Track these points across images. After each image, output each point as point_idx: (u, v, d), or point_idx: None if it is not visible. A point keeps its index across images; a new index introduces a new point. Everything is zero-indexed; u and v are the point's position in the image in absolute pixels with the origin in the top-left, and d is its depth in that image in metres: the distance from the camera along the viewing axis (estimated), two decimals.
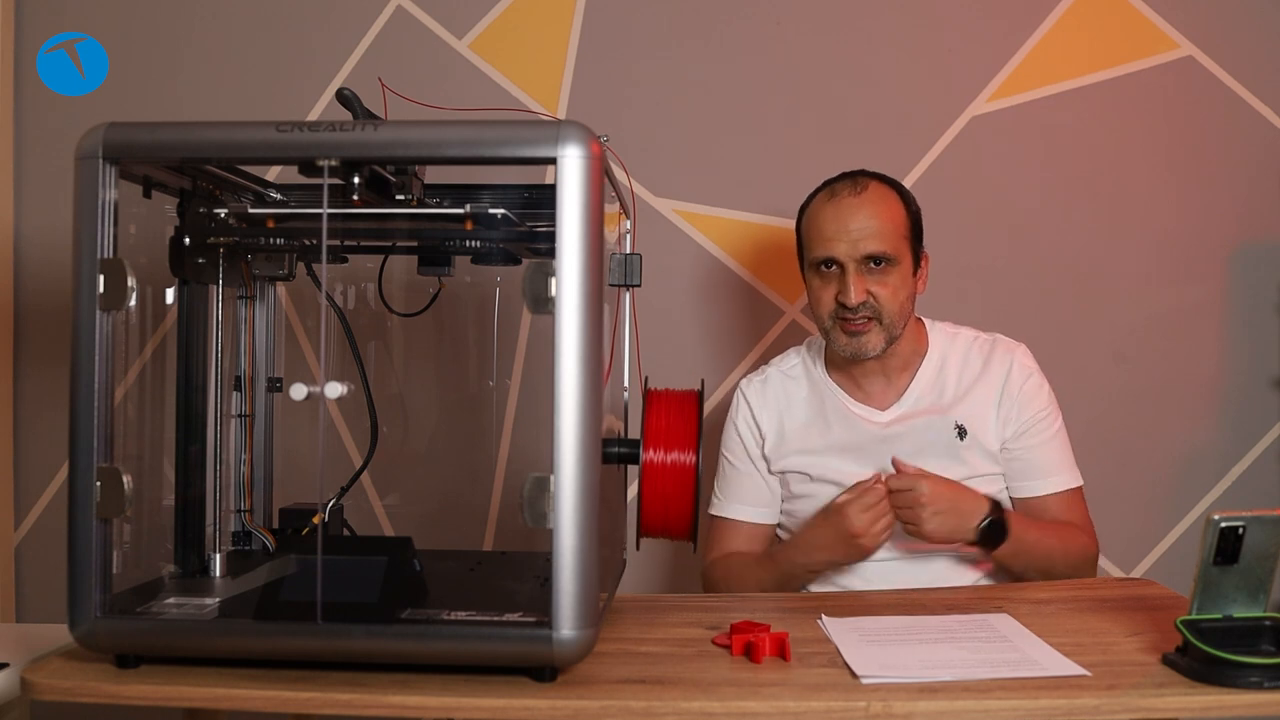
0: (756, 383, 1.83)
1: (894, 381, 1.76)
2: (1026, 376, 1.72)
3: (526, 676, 1.09)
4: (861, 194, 1.69)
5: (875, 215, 1.67)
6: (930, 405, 1.73)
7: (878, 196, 1.70)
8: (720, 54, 2.26)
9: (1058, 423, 1.74)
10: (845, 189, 1.71)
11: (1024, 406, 1.71)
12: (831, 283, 1.69)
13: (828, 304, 1.70)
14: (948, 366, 1.76)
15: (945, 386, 1.74)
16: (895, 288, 1.67)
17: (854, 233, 1.66)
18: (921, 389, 1.75)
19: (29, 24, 2.31)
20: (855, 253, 1.66)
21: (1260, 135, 2.23)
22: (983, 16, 2.25)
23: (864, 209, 1.67)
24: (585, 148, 1.07)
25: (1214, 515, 1.08)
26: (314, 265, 1.45)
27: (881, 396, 1.76)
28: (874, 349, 1.68)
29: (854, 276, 1.66)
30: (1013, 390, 1.71)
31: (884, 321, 1.67)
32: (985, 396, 1.72)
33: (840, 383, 1.79)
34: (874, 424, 1.74)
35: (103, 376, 1.11)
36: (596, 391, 1.08)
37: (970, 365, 1.75)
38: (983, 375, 1.74)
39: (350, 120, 1.13)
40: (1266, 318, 2.24)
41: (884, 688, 1.07)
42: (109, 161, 1.11)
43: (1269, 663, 1.04)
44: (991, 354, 1.75)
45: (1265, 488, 2.22)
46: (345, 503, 1.48)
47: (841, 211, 1.68)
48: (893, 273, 1.67)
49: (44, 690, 1.10)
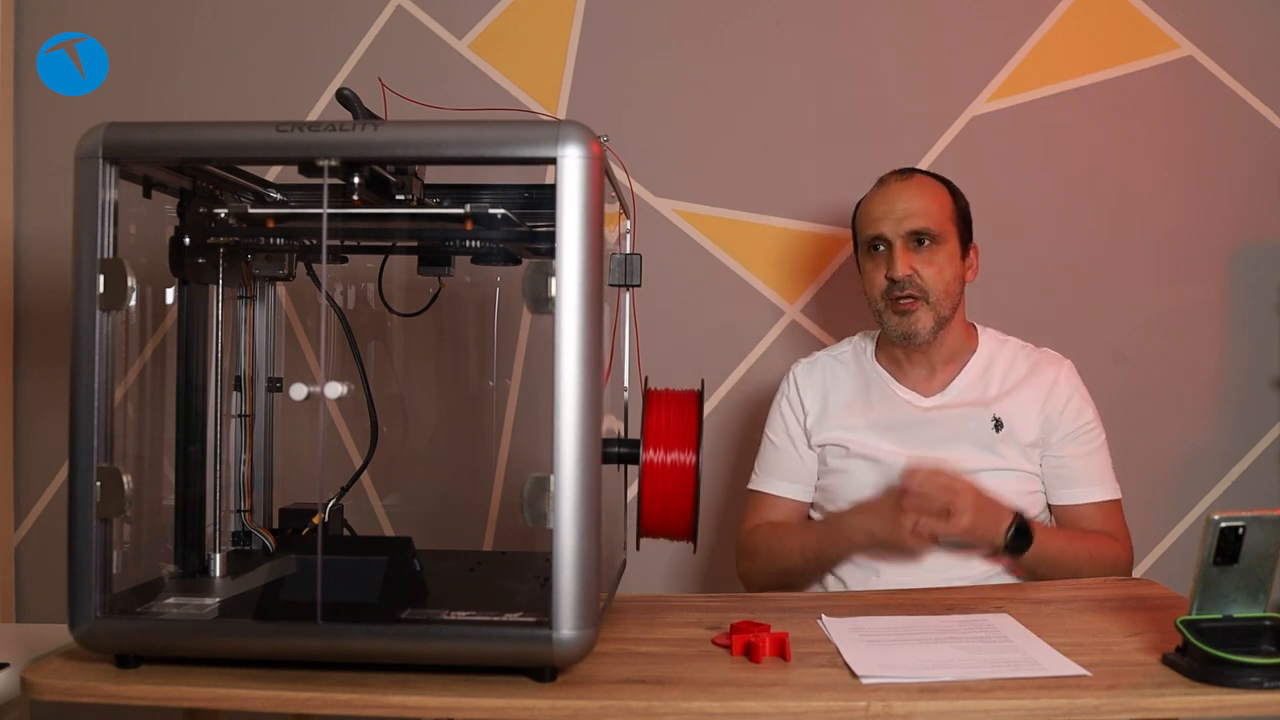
0: (805, 364, 1.90)
1: (939, 372, 1.81)
2: (1074, 391, 1.77)
3: (526, 676, 1.09)
4: (908, 179, 1.80)
5: (920, 195, 1.76)
6: (973, 399, 1.77)
7: (923, 181, 1.80)
8: (720, 54, 2.26)
9: (1102, 437, 1.78)
10: (893, 177, 1.82)
11: (1072, 419, 1.75)
12: (881, 264, 1.76)
13: (879, 284, 1.76)
14: (994, 367, 1.80)
15: (990, 384, 1.78)
16: (941, 266, 1.74)
17: (899, 210, 1.74)
18: (967, 383, 1.79)
19: (29, 24, 2.31)
20: (900, 229, 1.73)
21: (1260, 135, 2.23)
22: (983, 16, 2.25)
23: (909, 189, 1.77)
24: (585, 148, 1.07)
25: (1214, 515, 1.08)
26: (314, 265, 1.45)
27: (926, 384, 1.81)
28: (924, 329, 1.73)
29: (900, 251, 1.73)
30: (1058, 401, 1.75)
31: (930, 300, 1.73)
32: (1029, 398, 1.76)
33: (888, 368, 1.84)
34: (915, 408, 1.79)
35: (103, 376, 1.11)
36: (596, 391, 1.08)
37: (1016, 369, 1.80)
38: (1028, 379, 1.78)
39: (350, 120, 1.13)
40: (1266, 318, 2.24)
41: (884, 688, 1.07)
42: (109, 161, 1.11)
43: (1269, 663, 1.04)
44: (1039, 362, 1.80)
45: (1265, 488, 2.22)
46: (345, 503, 1.48)
47: (889, 194, 1.78)
48: (939, 252, 1.74)
49: (44, 690, 1.10)
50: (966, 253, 1.81)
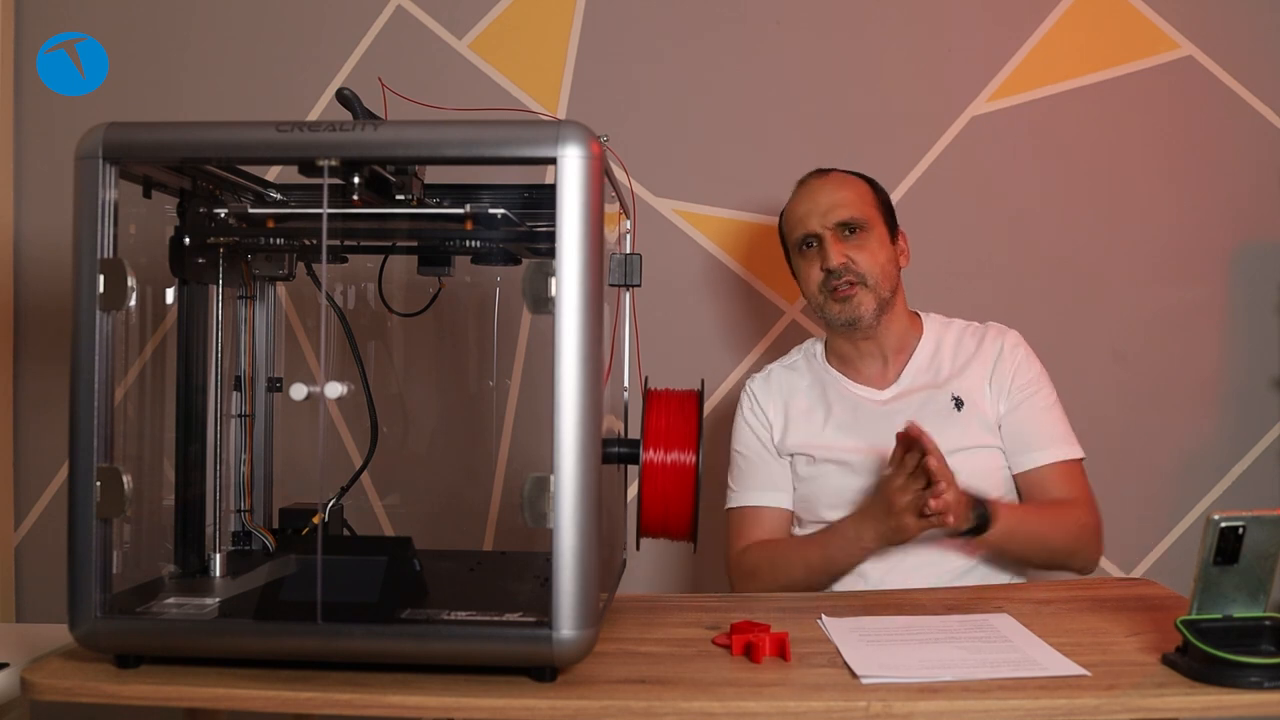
0: (759, 379, 1.89)
1: (891, 363, 1.82)
2: (1015, 351, 1.78)
3: (526, 676, 1.09)
4: (826, 176, 1.83)
5: (840, 187, 1.80)
6: (927, 382, 1.78)
7: (840, 175, 1.83)
8: (720, 54, 2.26)
9: (1051, 396, 1.76)
10: (811, 176, 1.86)
11: (1014, 377, 1.75)
12: (815, 259, 1.78)
13: (814, 278, 1.78)
14: (943, 348, 1.81)
15: (941, 365, 1.79)
16: (874, 250, 1.76)
17: (823, 204, 1.78)
18: (918, 368, 1.80)
19: (29, 24, 2.31)
20: (827, 221, 1.76)
21: (1260, 135, 2.23)
22: (983, 16, 2.25)
23: (829, 184, 1.81)
24: (585, 148, 1.07)
25: (1214, 515, 1.08)
26: (314, 265, 1.45)
27: (880, 377, 1.81)
28: (867, 312, 1.75)
29: (831, 243, 1.76)
30: (1005, 366, 1.76)
31: (869, 283, 1.75)
32: (979, 372, 1.76)
33: (839, 368, 1.85)
34: (873, 402, 1.79)
35: (103, 376, 1.11)
36: (596, 391, 1.08)
37: (964, 346, 1.81)
38: (976, 354, 1.78)
39: (350, 120, 1.13)
40: (1266, 318, 2.24)
41: (884, 688, 1.07)
42: (109, 161, 1.11)
43: (1269, 663, 1.04)
44: (984, 336, 1.81)
45: (1265, 488, 2.22)
46: (345, 503, 1.48)
47: (811, 191, 1.82)
48: (868, 238, 1.77)
49: (44, 690, 1.10)
50: (895, 239, 1.82)
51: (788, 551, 1.73)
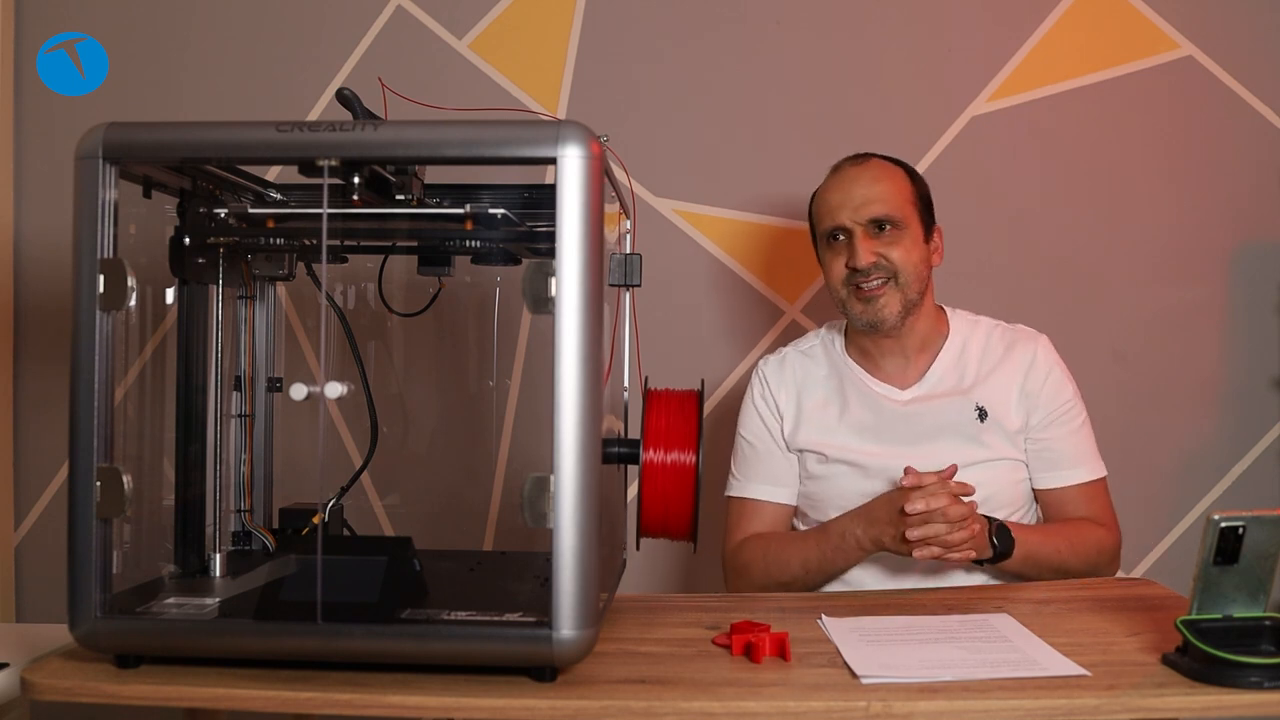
0: (773, 362, 1.82)
1: (914, 361, 1.75)
2: (1051, 366, 1.72)
3: (526, 676, 1.09)
4: (864, 165, 1.73)
5: (877, 180, 1.70)
6: (951, 387, 1.72)
7: (880, 166, 1.73)
8: (720, 54, 2.26)
9: (1082, 414, 1.73)
10: (848, 163, 1.75)
11: (1051, 396, 1.70)
12: (841, 253, 1.70)
13: (840, 273, 1.70)
14: (969, 350, 1.74)
15: (966, 369, 1.73)
16: (907, 249, 1.68)
17: (857, 198, 1.68)
18: (943, 370, 1.73)
19: (29, 24, 2.31)
20: (860, 217, 1.67)
21: (1260, 135, 2.23)
22: (983, 16, 2.25)
23: (866, 175, 1.70)
24: (585, 148, 1.07)
25: (1214, 515, 1.08)
26: (314, 265, 1.45)
27: (901, 376, 1.75)
28: (891, 314, 1.67)
29: (861, 240, 1.67)
30: (1038, 378, 1.70)
31: (899, 281, 1.67)
32: (1007, 381, 1.70)
33: (859, 361, 1.77)
34: (894, 402, 1.72)
35: (103, 376, 1.11)
36: (596, 391, 1.08)
37: (992, 350, 1.74)
38: (1004, 360, 1.72)
39: (350, 120, 1.13)
40: (1266, 318, 2.24)
41: (884, 688, 1.07)
42: (109, 161, 1.11)
43: (1269, 663, 1.04)
44: (1014, 342, 1.74)
45: (1265, 488, 2.22)
46: (345, 503, 1.48)
47: (844, 181, 1.71)
48: (902, 236, 1.68)
49: (44, 690, 1.10)
50: (930, 236, 1.74)
51: (781, 549, 1.67)
